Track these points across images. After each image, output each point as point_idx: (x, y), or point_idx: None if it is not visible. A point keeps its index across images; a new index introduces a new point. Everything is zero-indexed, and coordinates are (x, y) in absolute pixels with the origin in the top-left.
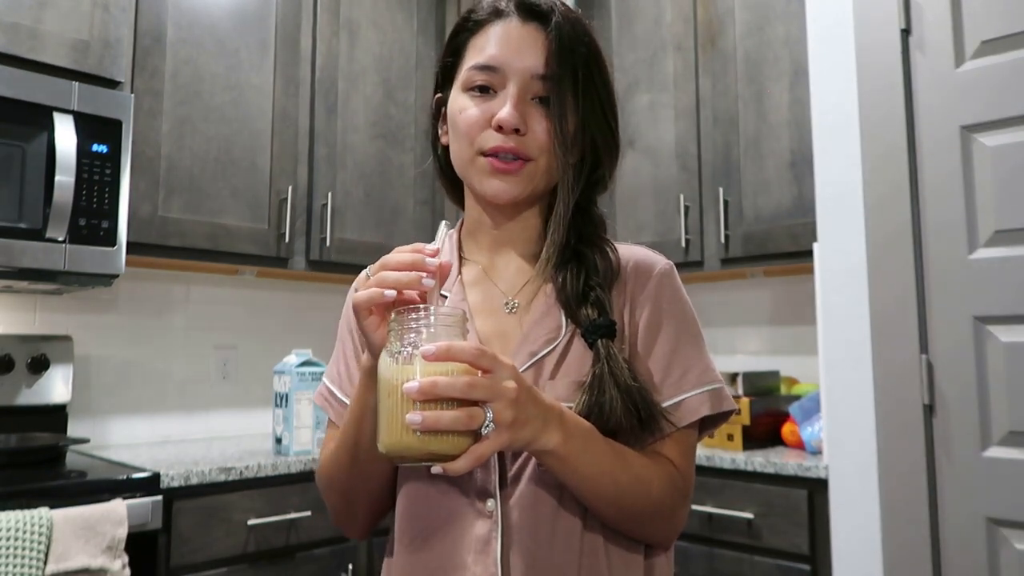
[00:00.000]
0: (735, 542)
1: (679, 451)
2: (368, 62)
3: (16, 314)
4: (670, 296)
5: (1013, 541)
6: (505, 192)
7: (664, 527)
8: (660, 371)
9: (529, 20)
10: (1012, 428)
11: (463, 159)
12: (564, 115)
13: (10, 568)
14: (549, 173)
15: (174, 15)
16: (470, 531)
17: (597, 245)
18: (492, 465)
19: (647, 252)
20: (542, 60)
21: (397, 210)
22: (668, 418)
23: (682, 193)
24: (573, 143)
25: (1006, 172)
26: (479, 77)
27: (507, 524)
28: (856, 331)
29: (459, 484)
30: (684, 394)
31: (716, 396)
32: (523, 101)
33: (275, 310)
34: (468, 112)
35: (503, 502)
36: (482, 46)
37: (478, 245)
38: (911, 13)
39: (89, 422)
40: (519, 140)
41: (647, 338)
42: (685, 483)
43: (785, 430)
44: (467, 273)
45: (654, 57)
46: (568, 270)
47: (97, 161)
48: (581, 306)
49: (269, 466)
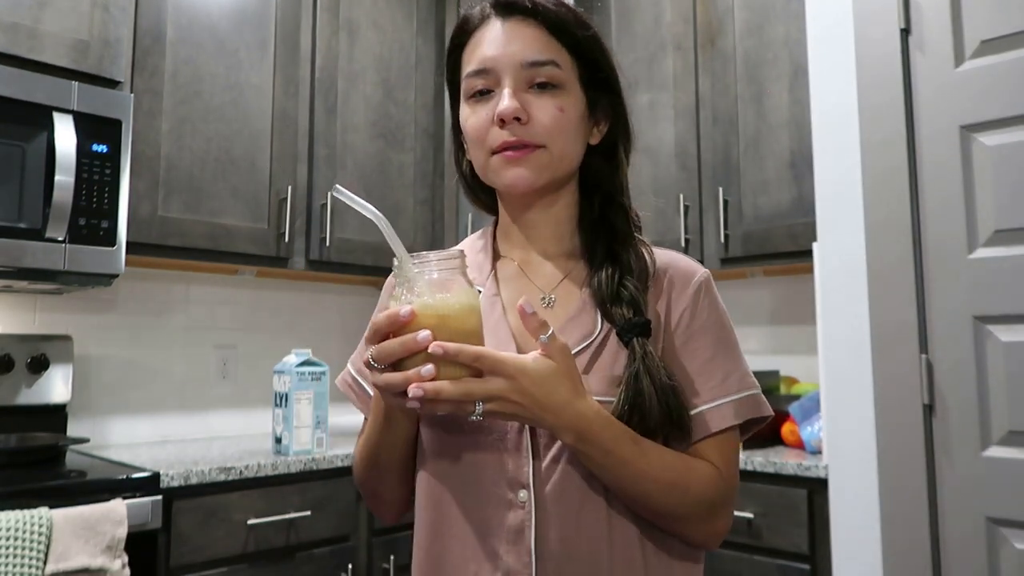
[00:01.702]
0: (735, 542)
1: (720, 454)
2: (368, 62)
3: (16, 314)
4: (710, 304)
5: (1013, 541)
6: (522, 178)
7: (703, 528)
8: (700, 376)
9: (510, 15)
10: (1012, 428)
11: (480, 164)
12: (563, 91)
13: (10, 568)
14: (565, 159)
15: (174, 15)
16: (502, 521)
17: (632, 245)
18: (526, 455)
19: (687, 259)
20: (531, 45)
21: (397, 210)
22: (707, 421)
23: (682, 193)
24: (581, 122)
25: (1006, 172)
26: (476, 83)
27: (540, 515)
28: (856, 331)
29: (490, 474)
30: (724, 398)
31: (755, 401)
32: (520, 91)
33: (275, 310)
34: (473, 118)
35: (536, 492)
36: (472, 54)
37: (512, 243)
38: (911, 13)
39: (89, 422)
40: (523, 130)
41: (687, 343)
42: (727, 486)
43: (785, 430)
44: (502, 269)
45: (654, 57)
46: (603, 269)
47: (97, 161)
48: (616, 305)
49: (269, 466)
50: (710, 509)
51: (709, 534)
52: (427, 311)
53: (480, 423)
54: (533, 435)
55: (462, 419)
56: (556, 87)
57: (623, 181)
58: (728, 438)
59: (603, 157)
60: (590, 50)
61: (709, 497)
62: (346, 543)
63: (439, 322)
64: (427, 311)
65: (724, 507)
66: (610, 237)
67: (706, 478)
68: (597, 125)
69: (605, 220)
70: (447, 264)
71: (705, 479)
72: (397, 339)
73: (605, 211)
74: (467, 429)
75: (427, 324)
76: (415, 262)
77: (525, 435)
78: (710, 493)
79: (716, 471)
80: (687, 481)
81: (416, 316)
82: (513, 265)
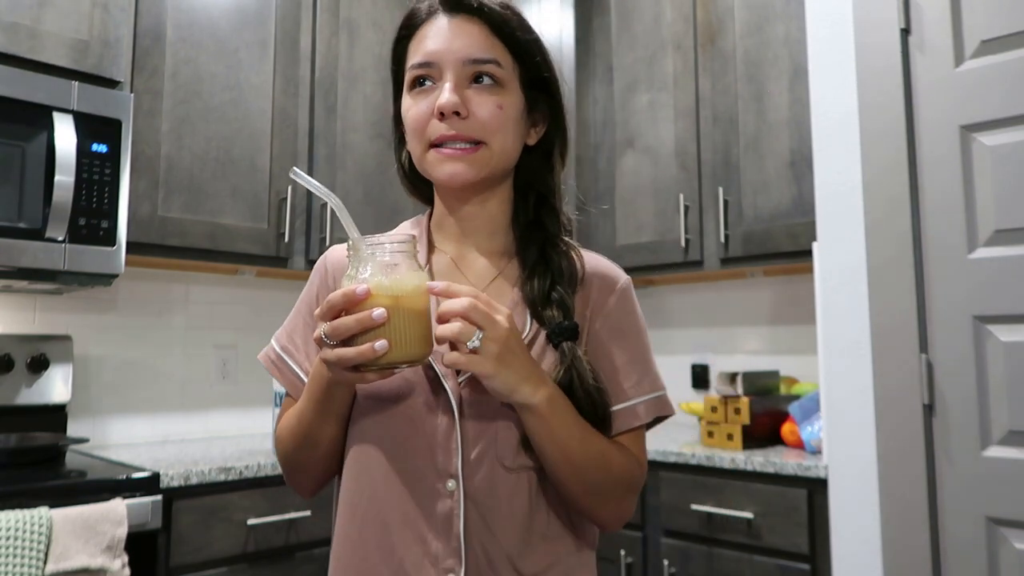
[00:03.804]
0: (735, 542)
1: (636, 443)
2: (368, 62)
3: (16, 314)
4: (630, 310)
5: (1013, 541)
6: (460, 173)
7: (616, 507)
8: (620, 377)
9: (457, 13)
10: (1012, 428)
11: (417, 155)
12: (503, 90)
13: (10, 568)
14: (503, 155)
15: (174, 15)
16: (431, 510)
17: (562, 248)
18: (455, 448)
19: (609, 264)
20: (474, 43)
21: (396, 210)
22: (625, 417)
23: (682, 193)
24: (519, 121)
25: (1006, 172)
26: (417, 73)
27: (468, 504)
28: (856, 331)
29: (420, 464)
30: (639, 398)
31: (663, 401)
32: (462, 86)
33: (275, 310)
34: (414, 109)
35: (464, 484)
36: (417, 46)
37: (445, 235)
38: (911, 13)
39: (89, 422)
40: (462, 125)
41: (608, 345)
42: (641, 470)
43: (785, 430)
44: (437, 262)
45: (654, 57)
46: (535, 272)
47: (97, 161)
48: (546, 307)
49: (269, 466)
50: (627, 489)
51: (618, 515)
52: (382, 291)
53: (413, 413)
54: (463, 429)
55: (397, 407)
56: (496, 84)
57: (557, 183)
58: (640, 431)
59: (539, 158)
60: (531, 53)
61: (627, 478)
62: None
63: (393, 302)
64: (382, 291)
65: (636, 490)
66: (542, 238)
67: (626, 461)
68: (535, 126)
69: (539, 221)
70: (400, 247)
71: (625, 461)
72: (352, 316)
73: (539, 212)
74: (400, 418)
75: (381, 303)
76: (369, 243)
77: (456, 429)
78: (628, 475)
79: (633, 456)
80: (612, 459)
81: (372, 295)
82: (446, 258)
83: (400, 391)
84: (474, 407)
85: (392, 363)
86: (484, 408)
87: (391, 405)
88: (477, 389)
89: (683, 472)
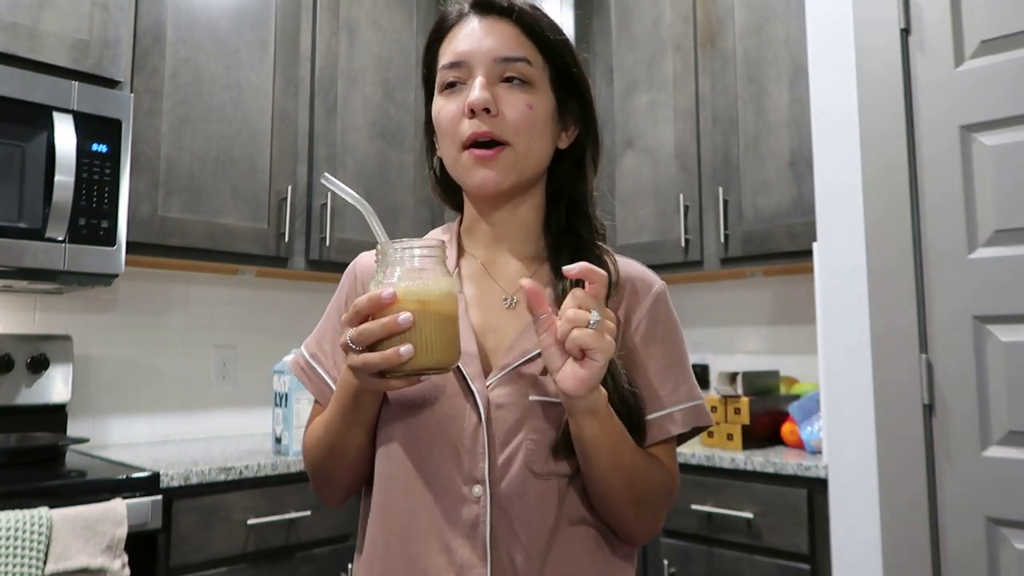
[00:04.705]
0: (735, 542)
1: (669, 455)
2: (368, 62)
3: (16, 314)
4: (666, 316)
5: (1013, 541)
6: (489, 180)
7: (652, 519)
8: (655, 384)
9: (487, 14)
10: (1012, 428)
11: (450, 158)
12: (533, 90)
13: (10, 568)
14: (530, 158)
15: (174, 15)
16: (457, 516)
17: (595, 253)
18: (481, 452)
19: (644, 269)
20: (505, 43)
21: (397, 210)
22: (661, 426)
23: (682, 193)
24: (549, 123)
25: (1006, 172)
26: (449, 75)
27: (495, 510)
28: (856, 331)
29: (446, 470)
30: (676, 406)
31: (701, 410)
32: (492, 83)
33: (275, 310)
34: (445, 109)
35: (492, 489)
36: (448, 48)
37: (476, 241)
38: (911, 13)
39: (89, 422)
40: (492, 122)
41: (643, 352)
42: (675, 484)
43: (785, 430)
44: (466, 267)
45: (653, 57)
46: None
47: (97, 161)
48: None
49: (269, 466)
50: (666, 500)
51: (652, 527)
52: (409, 296)
53: (440, 417)
54: (490, 432)
55: (423, 412)
56: (526, 84)
57: (589, 190)
58: (672, 444)
59: (571, 164)
60: (561, 53)
61: (665, 490)
62: (346, 543)
63: (420, 306)
64: (409, 296)
65: (671, 503)
66: (575, 244)
67: (662, 473)
68: (566, 129)
69: (571, 228)
70: (428, 252)
71: (661, 473)
72: (378, 321)
73: (571, 219)
74: (427, 422)
75: (408, 307)
76: (397, 248)
77: (482, 432)
78: (666, 487)
79: (668, 469)
80: (654, 469)
81: (398, 299)
82: (476, 263)
83: (427, 396)
84: (502, 410)
85: (418, 369)
86: (512, 412)
87: (418, 410)
88: (505, 392)
89: (683, 472)
